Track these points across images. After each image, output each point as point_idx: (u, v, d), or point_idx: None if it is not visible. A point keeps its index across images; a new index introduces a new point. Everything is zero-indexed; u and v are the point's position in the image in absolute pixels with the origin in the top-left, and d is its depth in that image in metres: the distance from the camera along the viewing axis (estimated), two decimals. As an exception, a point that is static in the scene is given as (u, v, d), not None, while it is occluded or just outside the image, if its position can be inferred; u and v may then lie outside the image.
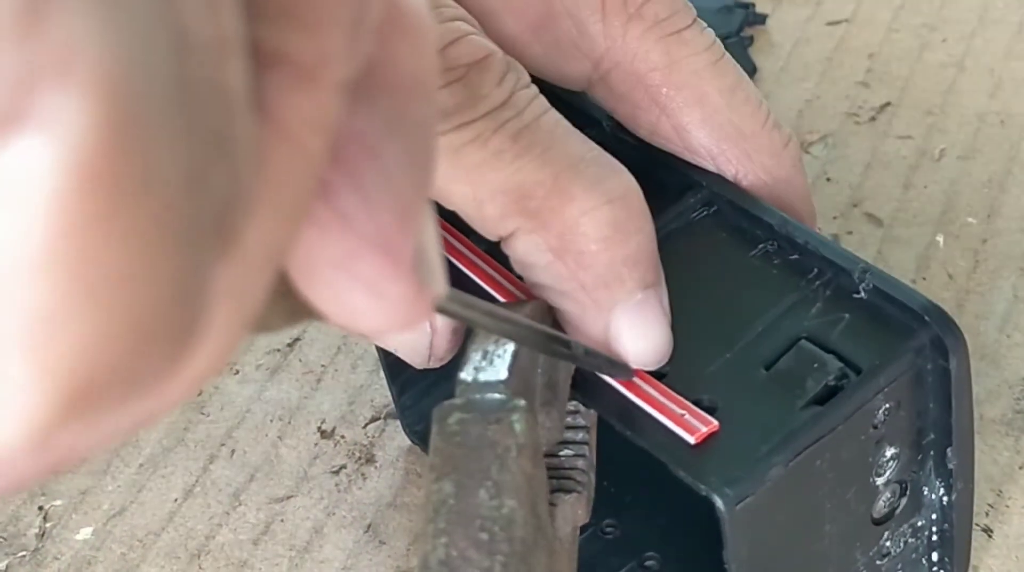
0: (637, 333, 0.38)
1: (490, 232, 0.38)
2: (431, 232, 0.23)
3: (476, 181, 0.37)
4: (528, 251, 0.37)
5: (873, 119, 0.60)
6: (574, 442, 0.38)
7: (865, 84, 0.62)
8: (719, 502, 0.36)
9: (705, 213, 0.43)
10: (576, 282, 0.37)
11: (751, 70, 0.63)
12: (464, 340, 0.38)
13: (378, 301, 0.22)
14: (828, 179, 0.58)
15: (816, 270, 0.40)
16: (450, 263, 0.41)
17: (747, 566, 0.37)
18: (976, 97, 0.61)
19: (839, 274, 0.40)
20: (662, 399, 0.38)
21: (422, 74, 0.22)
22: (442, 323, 0.42)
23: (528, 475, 0.33)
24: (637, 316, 0.38)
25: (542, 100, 0.37)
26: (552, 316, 0.38)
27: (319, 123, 0.20)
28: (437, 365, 0.44)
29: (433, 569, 0.32)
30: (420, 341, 0.42)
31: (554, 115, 0.38)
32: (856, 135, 0.60)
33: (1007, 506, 0.47)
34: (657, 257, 0.39)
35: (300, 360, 0.54)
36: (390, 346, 0.43)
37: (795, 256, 0.41)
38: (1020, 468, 0.48)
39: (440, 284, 0.23)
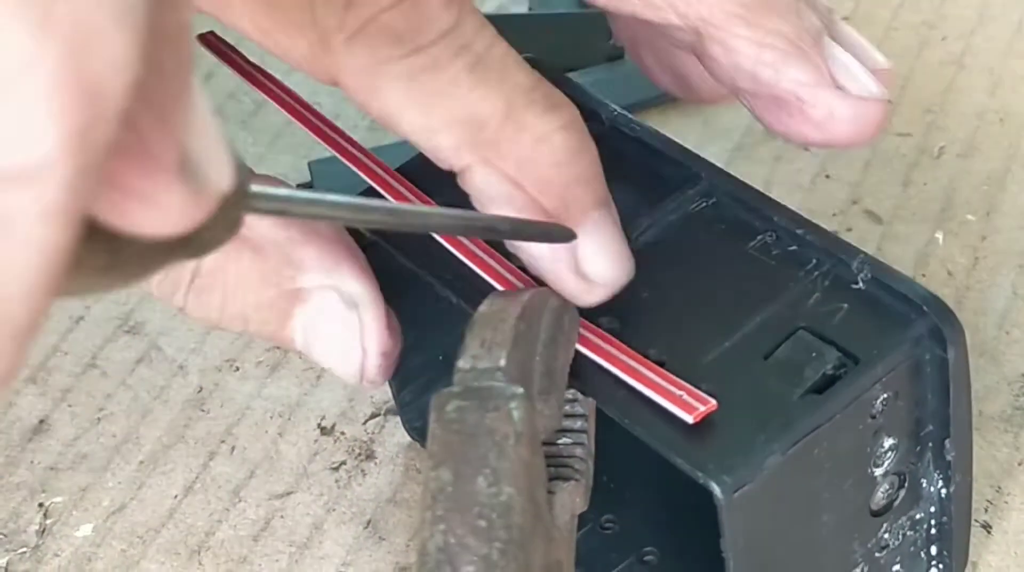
0: (602, 250, 0.39)
1: (443, 162, 0.38)
2: (203, 134, 0.22)
3: (430, 110, 0.37)
4: (487, 182, 0.38)
5: (873, 118, 0.60)
6: (572, 430, 0.38)
7: (865, 83, 0.62)
8: (717, 490, 0.36)
9: (704, 204, 0.43)
10: (537, 207, 0.38)
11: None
12: (464, 331, 0.38)
13: (152, 208, 0.22)
14: (827, 176, 0.58)
15: (815, 261, 0.40)
16: (453, 256, 0.42)
17: (744, 555, 0.37)
18: (975, 95, 0.61)
19: (838, 265, 0.40)
20: (660, 381, 0.38)
21: None
22: (373, 345, 0.42)
23: (526, 463, 0.33)
24: (599, 233, 0.39)
25: (491, 28, 0.38)
26: (562, 307, 0.38)
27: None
28: (371, 387, 0.45)
29: (431, 556, 0.32)
30: (351, 359, 0.42)
31: (503, 44, 0.38)
32: (856, 133, 0.60)
33: (1006, 502, 0.47)
34: (603, 176, 0.39)
35: (300, 357, 0.54)
36: (323, 363, 0.43)
37: (794, 247, 0.41)
38: (1019, 464, 0.48)
39: (221, 182, 0.23)
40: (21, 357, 0.20)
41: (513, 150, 0.37)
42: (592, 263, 0.38)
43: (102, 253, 0.22)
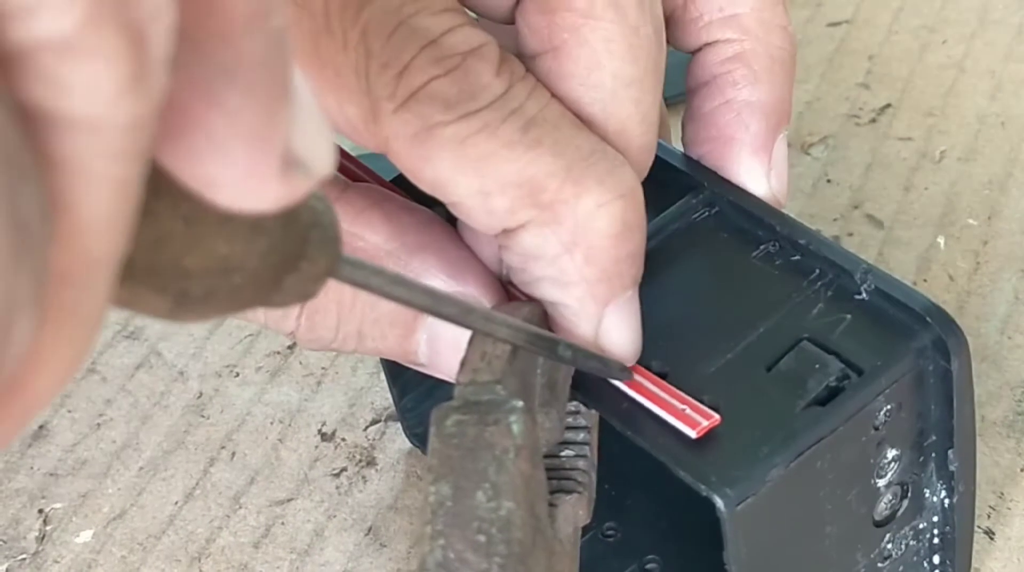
0: (624, 328, 0.38)
1: (495, 225, 0.37)
2: (306, 122, 0.24)
3: (485, 173, 0.36)
4: (537, 244, 0.37)
5: (873, 121, 0.60)
6: (575, 442, 0.37)
7: (865, 85, 0.62)
8: (720, 503, 0.36)
9: (706, 214, 0.43)
10: (580, 276, 0.37)
11: (752, 72, 0.63)
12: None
13: (251, 190, 0.23)
14: (828, 181, 0.58)
15: (818, 271, 0.40)
16: None
17: (747, 568, 0.37)
18: (976, 99, 0.61)
19: (841, 275, 0.40)
20: (663, 395, 0.38)
21: (249, 9, 0.22)
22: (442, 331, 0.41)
23: (526, 476, 0.33)
24: (626, 312, 0.38)
25: (543, 90, 0.37)
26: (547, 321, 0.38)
27: (110, 160, 0.20)
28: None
29: (431, 571, 0.32)
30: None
31: (557, 106, 0.37)
32: (856, 137, 0.60)
33: (1009, 508, 0.47)
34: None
35: (300, 362, 0.54)
36: (451, 374, 0.42)
37: (797, 257, 0.41)
38: (1022, 470, 0.48)
39: (322, 169, 0.24)
40: (106, 293, 0.21)
41: (570, 215, 0.36)
42: (612, 340, 0.38)
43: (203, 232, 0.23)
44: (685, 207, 0.43)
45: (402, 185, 0.42)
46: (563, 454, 0.37)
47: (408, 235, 0.40)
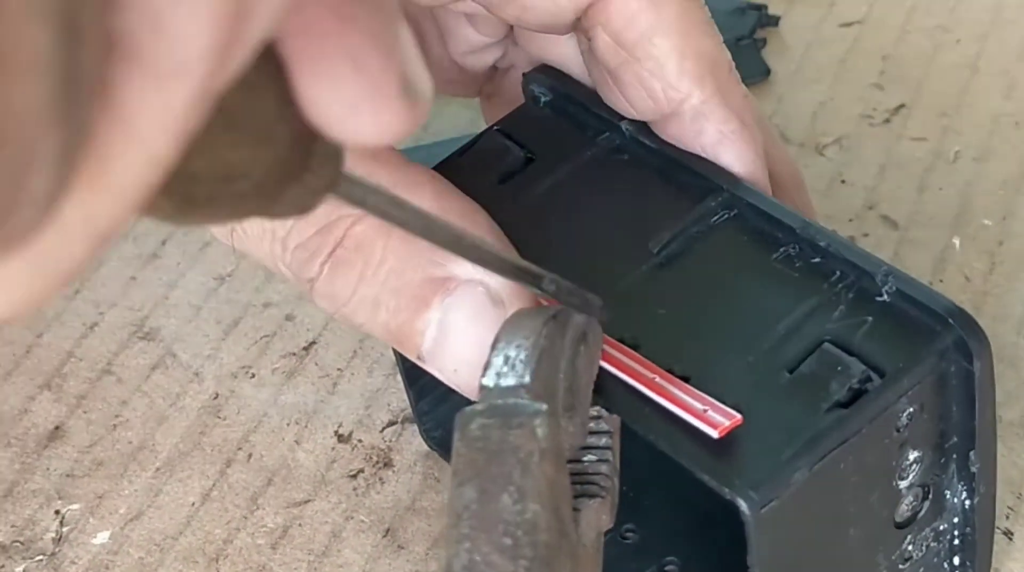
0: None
1: (682, 88, 0.43)
2: (411, 54, 0.25)
3: (686, 37, 0.43)
4: (725, 119, 0.43)
5: (887, 121, 0.60)
6: (597, 447, 0.37)
7: (879, 86, 0.62)
8: (743, 506, 0.36)
9: (726, 216, 0.43)
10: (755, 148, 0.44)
11: (764, 72, 0.63)
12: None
13: (375, 121, 0.24)
14: (843, 181, 0.58)
15: (838, 273, 0.40)
16: None
17: (770, 570, 0.37)
18: (990, 98, 0.61)
19: (861, 277, 0.40)
20: (684, 396, 0.38)
21: None
22: None
23: (551, 480, 0.33)
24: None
25: None
26: (585, 323, 0.38)
27: (167, 124, 0.21)
28: None
29: (457, 574, 0.32)
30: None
31: None
32: (870, 137, 0.60)
33: (1027, 509, 0.47)
34: None
35: (316, 364, 0.54)
36: (448, 366, 0.42)
37: (817, 259, 0.41)
38: (1039, 470, 0.48)
39: (427, 93, 0.25)
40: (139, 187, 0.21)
41: (736, 93, 0.44)
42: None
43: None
44: (704, 210, 0.43)
45: (447, 174, 0.42)
46: (585, 459, 0.37)
47: (451, 215, 0.40)
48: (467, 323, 0.39)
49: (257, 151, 0.24)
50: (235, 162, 0.24)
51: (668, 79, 0.43)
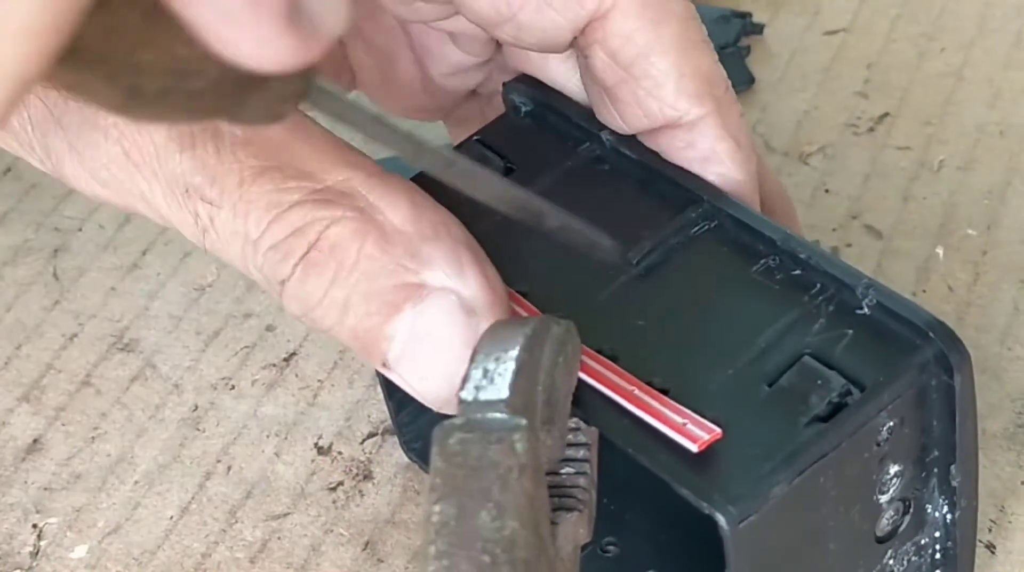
0: None
1: (680, 106, 0.43)
2: None
3: (684, 56, 0.43)
4: (721, 135, 0.43)
5: (872, 130, 0.60)
6: (575, 460, 0.37)
7: (863, 94, 0.62)
8: (722, 520, 0.35)
9: (706, 227, 0.42)
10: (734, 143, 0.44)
11: (748, 80, 0.63)
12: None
13: (262, 47, 0.23)
14: (827, 191, 0.58)
15: (819, 285, 0.40)
16: None
17: (750, 585, 0.37)
18: (975, 107, 0.61)
19: (842, 289, 0.40)
20: (663, 409, 0.37)
21: None
22: None
23: (530, 496, 0.33)
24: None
25: None
26: (565, 335, 0.37)
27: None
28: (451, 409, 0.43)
29: (434, 592, 0.31)
30: (451, 372, 0.40)
31: None
32: (855, 146, 0.60)
33: (1010, 522, 0.47)
34: None
35: (296, 375, 0.54)
36: (414, 374, 0.41)
37: (797, 271, 0.40)
38: (1023, 483, 0.48)
39: (334, 28, 0.24)
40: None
41: (733, 112, 0.43)
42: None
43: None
44: (684, 221, 0.42)
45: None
46: (563, 472, 0.37)
47: (424, 223, 0.39)
48: (438, 331, 0.39)
49: (208, 49, 0.24)
50: (186, 58, 0.24)
51: (666, 98, 0.43)
